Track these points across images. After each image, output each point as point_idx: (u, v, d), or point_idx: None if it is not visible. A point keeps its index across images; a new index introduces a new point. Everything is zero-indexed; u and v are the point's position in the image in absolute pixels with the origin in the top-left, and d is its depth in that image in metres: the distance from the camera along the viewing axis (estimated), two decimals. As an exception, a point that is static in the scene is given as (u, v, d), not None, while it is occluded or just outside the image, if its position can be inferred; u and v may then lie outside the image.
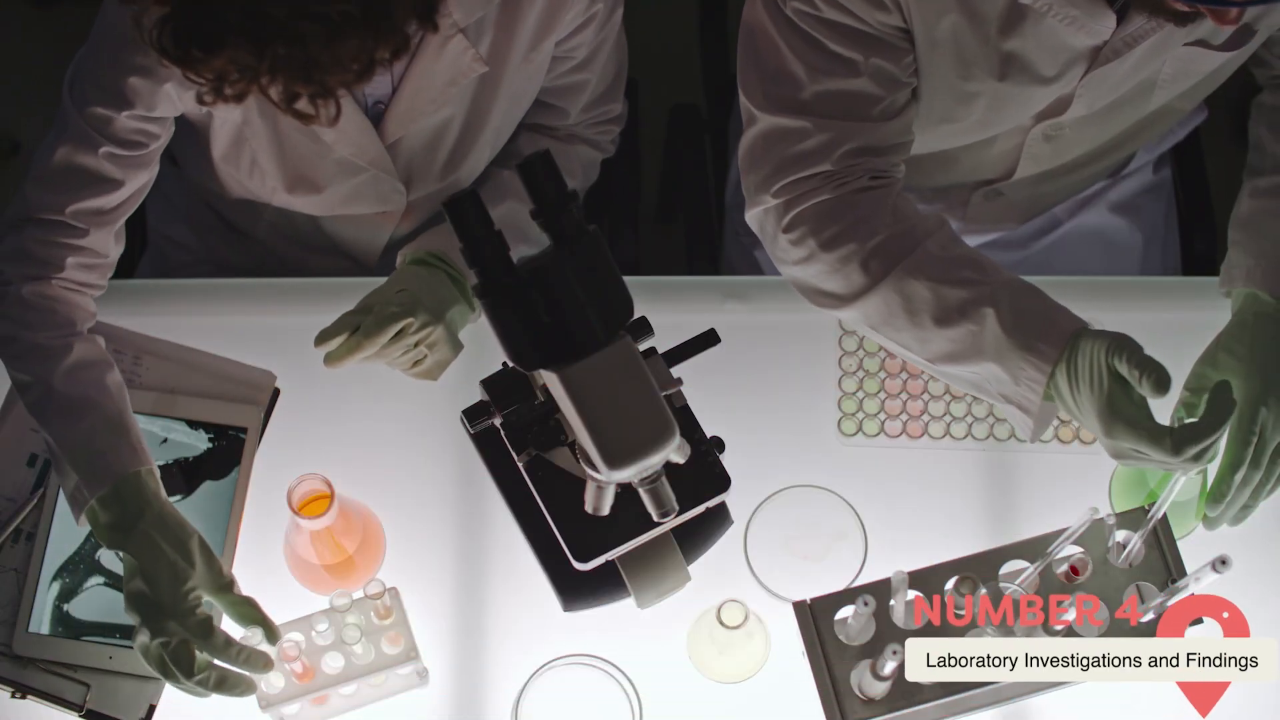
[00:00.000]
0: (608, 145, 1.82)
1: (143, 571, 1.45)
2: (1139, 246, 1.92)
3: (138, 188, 1.60)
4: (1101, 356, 1.40)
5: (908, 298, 1.49)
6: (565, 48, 1.64)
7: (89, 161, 1.54)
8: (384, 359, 1.55)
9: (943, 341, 1.49)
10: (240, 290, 1.75)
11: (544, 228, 1.26)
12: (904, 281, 1.49)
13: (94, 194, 1.56)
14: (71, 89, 1.54)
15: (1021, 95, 1.58)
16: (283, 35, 1.24)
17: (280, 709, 1.49)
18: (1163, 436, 1.37)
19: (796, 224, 1.53)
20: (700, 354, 1.44)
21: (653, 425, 1.27)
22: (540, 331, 1.25)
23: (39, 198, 1.56)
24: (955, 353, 1.49)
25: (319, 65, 1.27)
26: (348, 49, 1.27)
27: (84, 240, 1.57)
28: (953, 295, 1.48)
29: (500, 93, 1.64)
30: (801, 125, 1.51)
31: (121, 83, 1.51)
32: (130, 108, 1.53)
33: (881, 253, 1.50)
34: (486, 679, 1.57)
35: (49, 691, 1.54)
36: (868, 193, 1.53)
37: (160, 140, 1.59)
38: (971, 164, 1.79)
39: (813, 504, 1.59)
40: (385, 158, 1.66)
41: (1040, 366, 1.43)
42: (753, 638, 1.52)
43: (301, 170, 1.67)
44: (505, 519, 1.54)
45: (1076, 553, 1.45)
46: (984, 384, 1.50)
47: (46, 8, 2.82)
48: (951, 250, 1.51)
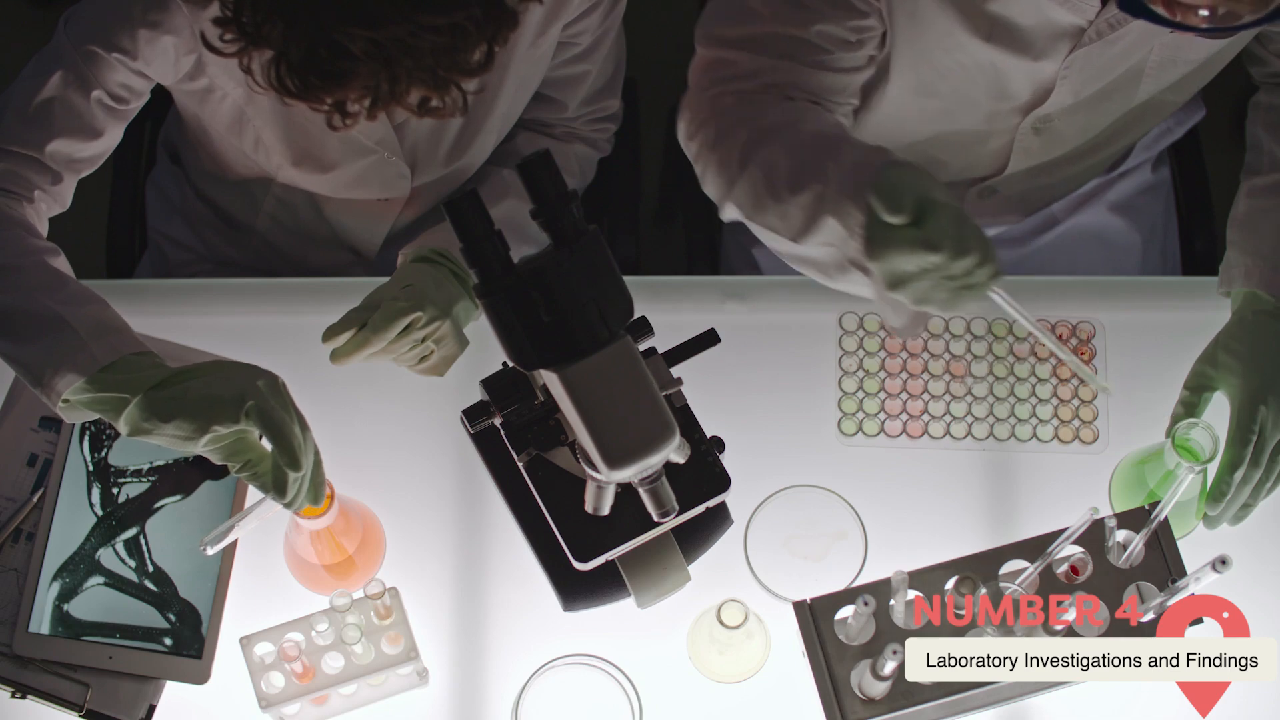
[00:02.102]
0: (604, 144, 1.82)
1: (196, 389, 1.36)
2: (1138, 246, 1.92)
3: (108, 145, 1.57)
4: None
5: (770, 168, 1.50)
6: (570, 32, 1.65)
7: (79, 101, 1.51)
8: (391, 355, 1.54)
9: (798, 209, 1.47)
10: (240, 290, 1.75)
11: (544, 227, 1.26)
12: (768, 156, 1.50)
13: (73, 136, 1.52)
14: (68, 25, 1.51)
15: (1004, 66, 1.58)
16: (410, 53, 1.23)
17: (280, 709, 1.49)
18: (914, 239, 1.33)
19: (701, 133, 1.58)
20: (700, 354, 1.44)
21: (653, 425, 1.27)
22: (540, 331, 1.25)
23: (18, 131, 1.51)
24: (810, 218, 1.46)
25: (450, 69, 1.28)
26: (475, 49, 1.28)
27: (50, 184, 1.53)
28: (802, 157, 1.48)
29: (509, 75, 1.64)
30: (739, 56, 1.56)
31: (125, 28, 1.48)
32: (127, 55, 1.50)
33: (753, 141, 1.53)
34: (486, 679, 1.57)
35: (49, 691, 1.54)
36: (769, 98, 1.57)
37: (140, 101, 1.56)
38: (963, 163, 1.80)
39: (813, 504, 1.59)
40: (392, 138, 1.66)
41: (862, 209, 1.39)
42: (753, 638, 1.52)
43: (307, 146, 1.67)
44: (505, 519, 1.54)
45: (1076, 553, 1.45)
46: (843, 261, 1.46)
47: (45, 7, 2.82)
48: (817, 130, 1.52)
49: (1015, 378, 1.68)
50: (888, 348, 1.70)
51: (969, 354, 1.69)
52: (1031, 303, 1.69)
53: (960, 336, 1.70)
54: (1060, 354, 1.45)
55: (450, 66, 1.28)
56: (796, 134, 1.52)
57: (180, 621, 1.56)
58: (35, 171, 1.53)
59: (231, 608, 1.58)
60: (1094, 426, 1.66)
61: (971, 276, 1.35)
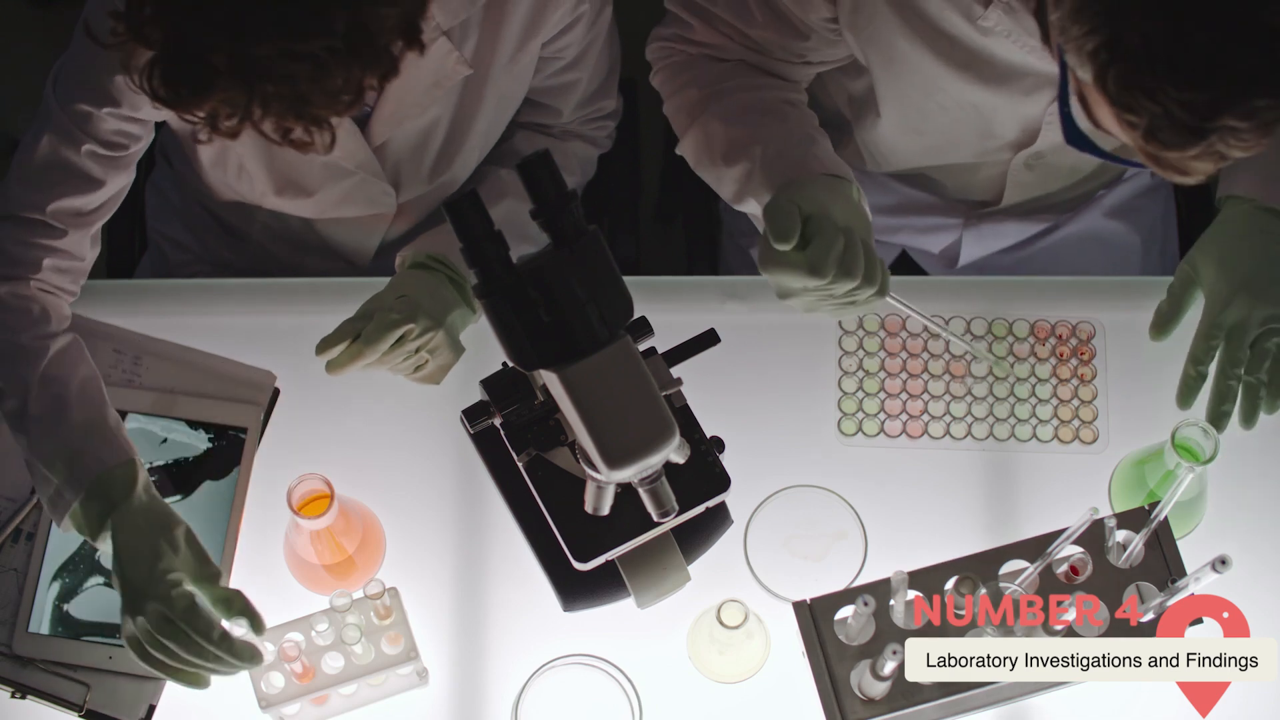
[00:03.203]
0: (604, 141, 1.82)
1: (119, 554, 1.44)
2: (1137, 247, 1.92)
3: (116, 190, 1.60)
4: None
5: (709, 136, 1.58)
6: (553, 48, 1.65)
7: (71, 158, 1.54)
8: (385, 365, 1.55)
9: (730, 181, 1.56)
10: (240, 290, 1.75)
11: (544, 228, 1.26)
12: (708, 123, 1.58)
13: (74, 192, 1.55)
14: (55, 85, 1.54)
15: (987, 105, 1.59)
16: (271, 75, 1.23)
17: (280, 709, 1.49)
18: (798, 261, 1.38)
19: (659, 75, 1.68)
20: (700, 354, 1.44)
21: (653, 425, 1.27)
22: (540, 331, 1.25)
23: (20, 194, 1.56)
24: (739, 192, 1.55)
25: (309, 100, 1.27)
26: (336, 82, 1.27)
27: (61, 241, 1.57)
28: (737, 134, 1.55)
29: (487, 94, 1.64)
30: (695, 22, 1.62)
31: (106, 81, 1.51)
32: (114, 105, 1.52)
33: (703, 101, 1.60)
34: (486, 679, 1.57)
35: (49, 691, 1.54)
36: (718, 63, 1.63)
37: (141, 143, 1.59)
38: (958, 185, 1.82)
39: (813, 504, 1.59)
40: (373, 161, 1.66)
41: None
42: (753, 638, 1.52)
43: (289, 174, 1.68)
44: (505, 519, 1.54)
45: (1076, 553, 1.45)
46: None
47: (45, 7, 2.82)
48: (762, 99, 1.58)
49: (1015, 378, 1.68)
50: (887, 348, 1.70)
51: (969, 354, 1.69)
52: (1032, 303, 1.71)
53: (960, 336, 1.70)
54: (967, 347, 1.59)
55: (314, 98, 1.27)
56: (737, 103, 1.58)
57: (180, 621, 1.56)
58: (40, 234, 1.56)
59: (231, 608, 1.58)
60: (1094, 427, 1.66)
61: (855, 295, 1.42)
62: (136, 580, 1.43)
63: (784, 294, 1.44)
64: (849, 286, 1.39)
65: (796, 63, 1.62)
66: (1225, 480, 1.59)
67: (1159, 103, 1.14)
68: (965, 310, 1.70)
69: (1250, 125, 1.14)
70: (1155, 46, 1.12)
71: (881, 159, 1.81)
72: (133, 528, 1.45)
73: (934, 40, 1.53)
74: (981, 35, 1.50)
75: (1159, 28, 1.12)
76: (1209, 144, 1.16)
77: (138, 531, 1.45)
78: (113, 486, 1.47)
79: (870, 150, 1.80)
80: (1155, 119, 1.15)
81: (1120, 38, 1.14)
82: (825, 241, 1.38)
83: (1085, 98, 1.22)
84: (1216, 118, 1.14)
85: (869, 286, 1.41)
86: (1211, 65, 1.12)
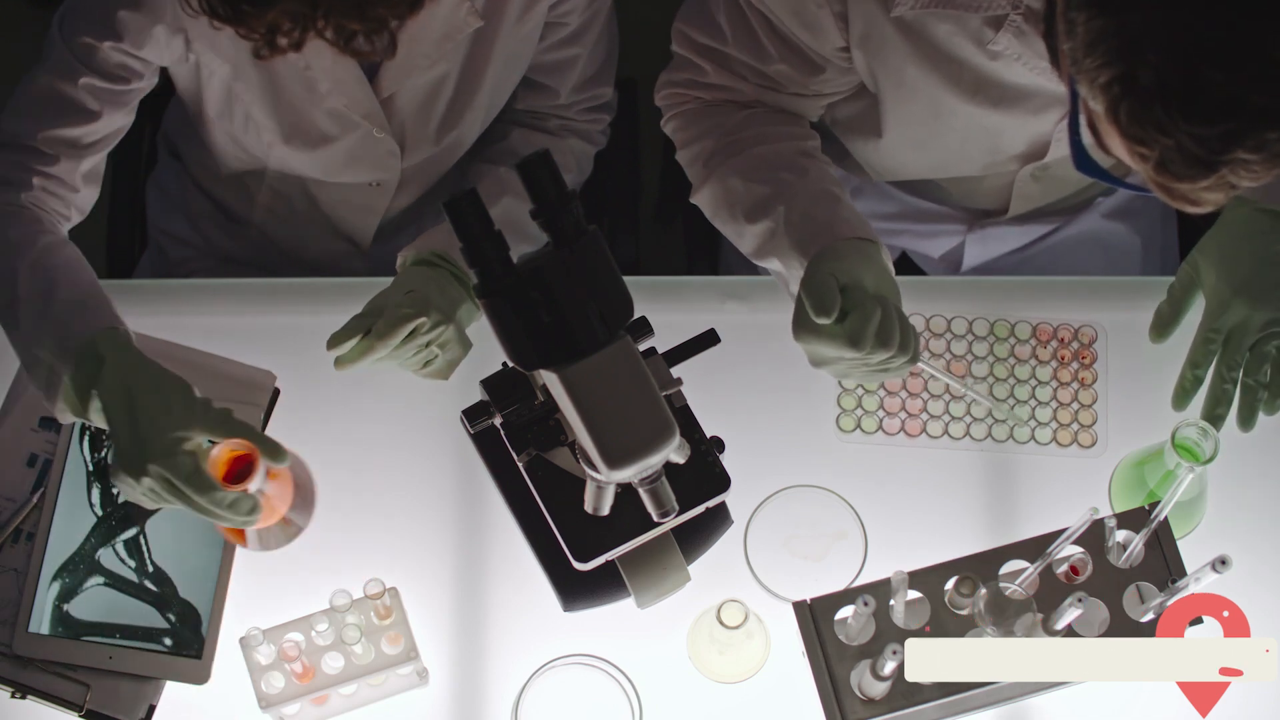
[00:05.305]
0: (599, 136, 1.82)
1: (109, 410, 1.41)
2: (1137, 249, 1.92)
3: (113, 129, 1.60)
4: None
5: (728, 191, 1.58)
6: (558, 12, 1.66)
7: (67, 90, 1.55)
8: (395, 360, 1.54)
9: (751, 237, 1.57)
10: (240, 290, 1.75)
11: (544, 227, 1.26)
12: (726, 178, 1.59)
13: (67, 123, 1.56)
14: (61, 22, 1.55)
15: (996, 126, 1.59)
16: None
17: (280, 709, 1.50)
18: (837, 334, 1.39)
19: (671, 123, 1.68)
20: (700, 354, 1.44)
21: (653, 425, 1.27)
22: (540, 331, 1.25)
23: (12, 124, 1.56)
24: (761, 248, 1.56)
25: (372, 1, 1.28)
26: None
27: (53, 168, 1.57)
28: (759, 192, 1.55)
29: (495, 51, 1.65)
30: (707, 66, 1.61)
31: (111, 14, 1.52)
32: (117, 39, 1.53)
33: (720, 153, 1.60)
34: (486, 679, 1.57)
35: (49, 691, 1.54)
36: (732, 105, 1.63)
37: (143, 82, 1.59)
38: (962, 194, 1.82)
39: (813, 504, 1.59)
40: (379, 113, 1.67)
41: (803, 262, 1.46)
42: (753, 638, 1.52)
43: (295, 121, 1.68)
44: (505, 519, 1.54)
45: (1076, 553, 1.45)
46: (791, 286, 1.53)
47: (45, 7, 2.82)
48: (779, 152, 1.58)
49: (1015, 379, 1.68)
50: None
51: (969, 354, 1.69)
52: (1033, 304, 1.71)
53: (961, 337, 1.70)
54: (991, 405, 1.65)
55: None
56: (755, 158, 1.58)
57: (180, 621, 1.56)
58: (31, 158, 1.56)
59: (231, 608, 1.58)
60: (1093, 430, 1.66)
61: (889, 364, 1.42)
62: (136, 437, 1.39)
63: (818, 362, 1.45)
64: (884, 356, 1.40)
65: (809, 95, 1.62)
66: (1225, 480, 1.59)
67: (1171, 136, 1.13)
68: (967, 311, 1.70)
69: (1261, 158, 1.14)
70: (1169, 83, 1.12)
71: (885, 171, 1.81)
72: (120, 387, 1.41)
73: (944, 65, 1.53)
74: (991, 59, 1.50)
75: (1173, 65, 1.11)
76: (1220, 176, 1.16)
77: (126, 391, 1.41)
78: (99, 347, 1.43)
79: (871, 165, 1.81)
80: (1167, 151, 1.15)
81: (1134, 73, 1.13)
82: (863, 314, 1.38)
83: (1096, 126, 1.22)
84: (1228, 151, 1.13)
85: (903, 355, 1.42)
86: (1225, 102, 1.11)
